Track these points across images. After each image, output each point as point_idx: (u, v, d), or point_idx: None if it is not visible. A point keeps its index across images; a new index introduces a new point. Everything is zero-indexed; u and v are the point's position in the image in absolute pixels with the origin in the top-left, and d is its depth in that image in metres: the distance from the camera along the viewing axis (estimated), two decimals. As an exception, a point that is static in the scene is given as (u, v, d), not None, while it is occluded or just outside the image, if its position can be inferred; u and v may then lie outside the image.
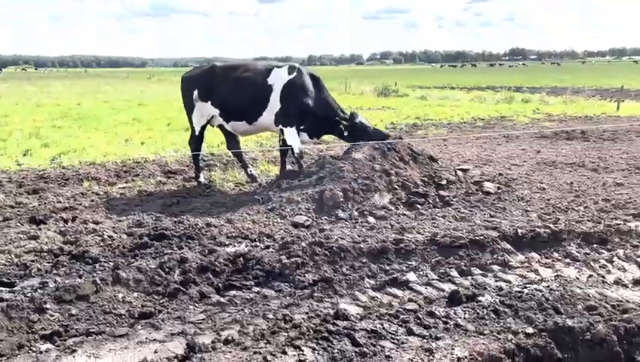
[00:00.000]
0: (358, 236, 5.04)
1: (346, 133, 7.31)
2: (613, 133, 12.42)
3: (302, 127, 7.41)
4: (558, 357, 3.22)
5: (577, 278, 4.33)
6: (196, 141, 7.88)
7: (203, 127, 7.79)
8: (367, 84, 33.00)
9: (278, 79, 7.28)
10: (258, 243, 4.97)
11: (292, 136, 7.35)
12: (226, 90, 7.41)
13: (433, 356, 3.07)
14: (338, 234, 5.05)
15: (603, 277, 4.39)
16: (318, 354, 3.15)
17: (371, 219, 5.72)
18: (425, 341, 3.30)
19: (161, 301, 3.93)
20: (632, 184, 7.41)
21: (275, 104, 7.26)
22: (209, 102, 7.55)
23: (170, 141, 11.36)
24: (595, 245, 5.03)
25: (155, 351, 3.25)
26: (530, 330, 3.36)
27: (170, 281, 4.13)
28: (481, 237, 4.89)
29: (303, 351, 3.17)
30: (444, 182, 6.80)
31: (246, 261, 4.46)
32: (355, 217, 5.79)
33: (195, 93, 7.60)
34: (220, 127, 7.81)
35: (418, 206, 6.19)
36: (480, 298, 3.86)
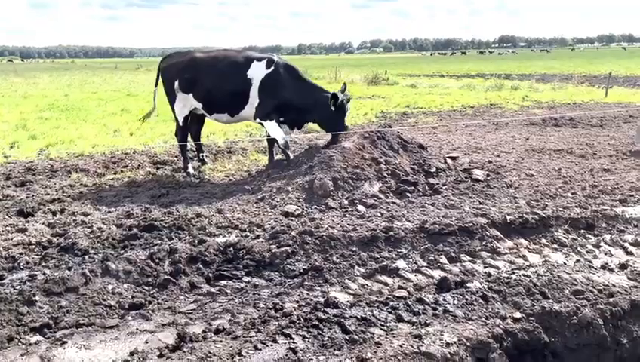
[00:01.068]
0: (348, 225, 5.05)
1: (329, 112, 7.09)
2: (601, 119, 12.52)
3: (282, 119, 7.39)
4: (545, 341, 3.26)
5: (565, 263, 4.38)
6: (181, 131, 7.91)
7: (186, 118, 7.80)
8: (357, 73, 32.93)
9: (257, 73, 7.25)
10: (248, 233, 4.97)
11: (273, 129, 7.35)
12: (208, 84, 7.42)
13: (422, 342, 3.10)
14: (328, 223, 5.06)
15: (590, 262, 4.45)
16: (309, 341, 3.17)
17: (361, 208, 5.74)
18: (414, 327, 3.33)
19: (151, 292, 3.93)
20: (619, 170, 7.49)
21: (254, 98, 7.27)
22: (191, 95, 7.57)
23: (159, 132, 11.28)
24: (582, 230, 5.09)
25: (146, 342, 3.26)
26: (517, 315, 3.41)
27: (160, 272, 4.13)
28: (470, 224, 4.92)
29: (293, 339, 3.19)
30: (433, 170, 6.83)
31: (236, 251, 4.47)
32: (345, 206, 5.80)
33: (176, 84, 7.60)
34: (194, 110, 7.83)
35: (408, 194, 6.21)
36: (469, 284, 3.90)
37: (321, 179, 6.08)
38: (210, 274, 4.18)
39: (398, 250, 4.59)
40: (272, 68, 7.26)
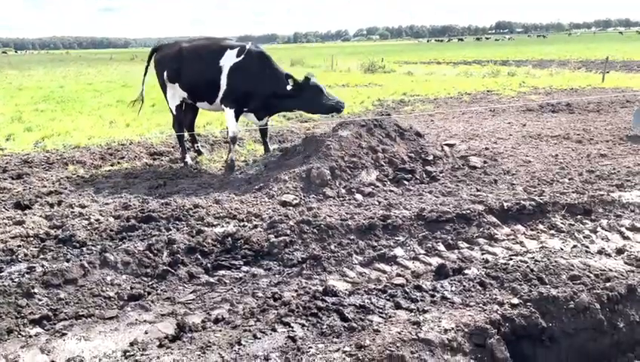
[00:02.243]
0: (346, 213, 5.06)
1: (298, 97, 7.03)
2: (597, 104, 12.51)
3: (246, 109, 7.37)
4: (542, 326, 3.28)
5: (562, 249, 4.40)
6: (176, 122, 7.95)
7: (179, 107, 7.86)
8: (354, 61, 32.79)
9: (228, 61, 7.24)
10: (246, 223, 4.97)
11: (229, 118, 7.35)
12: (189, 74, 7.50)
13: (420, 328, 3.12)
14: (326, 212, 5.07)
15: (587, 247, 4.46)
16: (308, 329, 3.19)
17: (359, 196, 5.74)
18: (412, 314, 3.34)
19: (150, 282, 3.94)
20: (616, 155, 7.50)
21: (223, 86, 7.27)
22: (177, 85, 7.65)
23: (155, 122, 11.23)
24: (579, 216, 5.11)
25: (146, 332, 3.27)
26: (515, 301, 3.43)
27: (158, 263, 4.13)
28: (468, 211, 4.93)
29: (292, 327, 3.20)
30: (430, 157, 6.83)
31: (234, 241, 4.47)
32: (343, 195, 5.80)
33: (165, 74, 7.70)
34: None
35: (405, 182, 6.21)
36: (466, 271, 3.92)
37: (319, 168, 6.08)
38: (209, 265, 4.18)
39: (396, 238, 4.60)
40: (242, 56, 7.21)
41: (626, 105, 12.31)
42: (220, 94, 7.32)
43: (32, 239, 4.71)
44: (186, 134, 8.47)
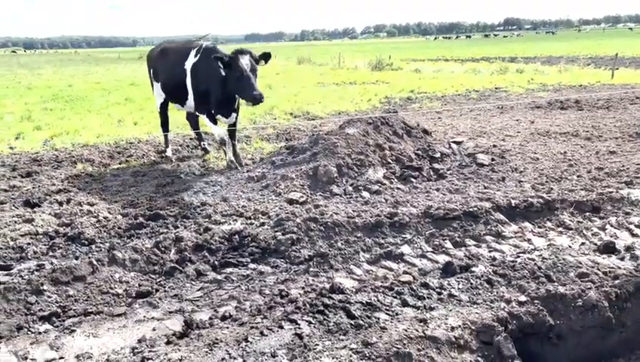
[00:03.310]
0: (353, 211, 5.06)
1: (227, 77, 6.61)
2: (607, 101, 12.40)
3: (213, 111, 7.12)
4: (550, 324, 3.27)
5: (570, 246, 4.37)
6: (160, 117, 8.23)
7: (162, 105, 8.04)
8: (361, 59, 32.72)
9: (189, 63, 7.14)
10: (253, 221, 4.99)
11: (207, 124, 7.27)
12: (164, 75, 7.62)
13: (427, 326, 3.11)
14: (333, 210, 5.07)
15: (595, 244, 4.43)
16: (315, 327, 3.19)
17: (365, 194, 5.74)
18: (419, 311, 3.34)
19: (157, 280, 3.96)
20: (625, 152, 7.44)
21: (190, 89, 7.21)
22: (159, 84, 7.84)
23: (163, 121, 11.27)
24: (587, 213, 5.07)
25: (154, 329, 3.29)
26: (522, 298, 3.41)
27: (166, 260, 4.16)
28: (475, 209, 4.91)
29: (299, 324, 3.21)
30: (438, 155, 6.81)
31: (241, 238, 4.49)
32: (350, 192, 5.80)
33: (151, 72, 7.98)
34: None
35: (412, 179, 6.20)
36: (474, 268, 3.91)
37: (325, 165, 6.08)
38: (216, 262, 4.20)
39: (403, 236, 4.60)
40: (198, 56, 7.04)
41: (636, 102, 12.19)
42: (190, 99, 7.27)
43: (41, 237, 4.76)
44: (192, 132, 8.52)
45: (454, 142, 7.56)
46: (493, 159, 7.06)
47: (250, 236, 4.50)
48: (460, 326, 3.12)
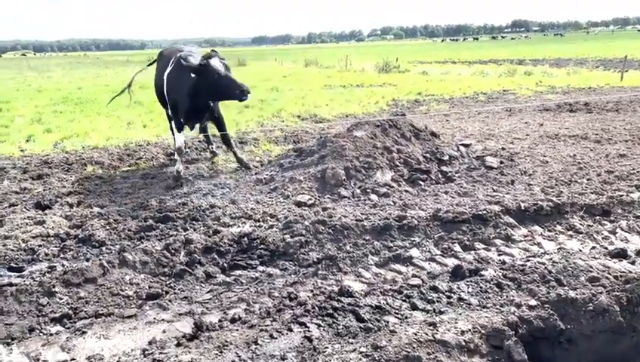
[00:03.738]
0: (361, 214, 5.06)
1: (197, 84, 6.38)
2: (616, 103, 12.32)
3: (183, 120, 6.89)
4: (561, 329, 3.25)
5: (580, 250, 4.35)
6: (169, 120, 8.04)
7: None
8: (368, 61, 32.72)
9: (166, 72, 7.02)
10: (262, 223, 5.00)
11: (173, 132, 7.17)
12: (154, 80, 7.64)
13: (437, 330, 3.11)
14: (341, 213, 5.07)
15: (606, 248, 4.41)
16: (324, 330, 3.20)
17: (374, 197, 5.74)
18: (429, 315, 3.34)
19: (167, 282, 3.98)
20: (636, 155, 7.38)
21: (167, 97, 7.13)
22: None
23: (171, 123, 11.33)
24: (597, 217, 5.04)
25: (164, 331, 3.31)
26: (533, 303, 3.40)
27: (176, 262, 4.18)
28: (484, 212, 4.90)
29: (308, 327, 3.22)
30: (446, 157, 6.79)
31: (250, 241, 4.51)
32: (358, 195, 5.80)
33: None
34: None
35: (420, 182, 6.19)
36: (483, 272, 3.90)
37: (334, 168, 6.09)
38: (225, 264, 4.22)
39: (412, 239, 4.59)
40: (172, 66, 6.88)
41: (646, 105, 12.11)
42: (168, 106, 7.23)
43: (52, 239, 4.80)
44: (201, 135, 8.55)
45: (462, 144, 7.54)
46: (501, 162, 7.03)
47: (258, 238, 4.52)
48: (469, 330, 3.12)
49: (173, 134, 7.24)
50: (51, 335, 3.31)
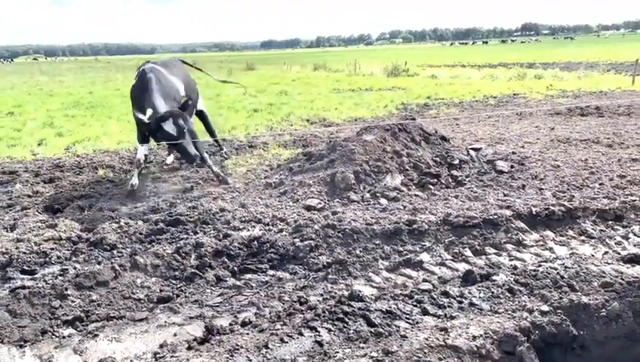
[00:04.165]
0: (371, 218, 5.05)
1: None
2: (628, 107, 12.22)
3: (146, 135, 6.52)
4: (573, 334, 3.22)
5: (592, 255, 4.31)
6: None
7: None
8: (377, 65, 32.72)
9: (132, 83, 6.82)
10: (272, 227, 5.01)
11: (137, 142, 6.83)
12: None
13: (448, 335, 3.09)
14: (351, 217, 5.07)
15: (618, 253, 4.36)
16: (334, 334, 3.19)
17: (383, 201, 5.73)
18: (440, 320, 3.32)
19: (178, 285, 4.00)
20: (648, 159, 7.31)
21: None
22: None
23: (181, 127, 11.39)
24: (610, 222, 4.99)
25: (175, 334, 3.32)
26: (545, 308, 3.37)
27: (186, 266, 4.20)
28: (495, 217, 4.87)
29: (319, 331, 3.21)
30: (456, 161, 6.77)
31: (260, 244, 4.51)
32: (367, 199, 5.79)
33: None
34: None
35: (430, 186, 6.17)
36: (494, 277, 3.87)
37: (343, 172, 6.09)
38: (236, 268, 4.23)
39: (422, 243, 4.57)
40: (135, 80, 6.76)
41: (658, 108, 12.00)
42: None
43: (64, 242, 4.84)
44: (210, 139, 8.59)
45: (473, 148, 7.51)
46: (512, 166, 7.00)
47: (268, 242, 4.52)
48: (481, 335, 3.10)
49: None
50: (63, 337, 3.33)
